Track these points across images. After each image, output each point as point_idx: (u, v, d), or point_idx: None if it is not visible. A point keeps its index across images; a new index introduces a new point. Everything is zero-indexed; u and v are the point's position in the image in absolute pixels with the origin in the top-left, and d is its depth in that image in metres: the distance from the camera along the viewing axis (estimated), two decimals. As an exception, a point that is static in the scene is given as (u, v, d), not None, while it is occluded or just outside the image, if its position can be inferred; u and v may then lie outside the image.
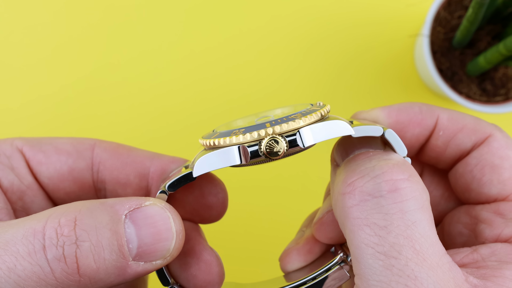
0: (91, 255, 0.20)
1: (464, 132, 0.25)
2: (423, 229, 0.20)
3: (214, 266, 0.24)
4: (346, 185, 0.21)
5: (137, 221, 0.22)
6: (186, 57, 0.47)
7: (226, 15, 0.47)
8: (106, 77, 0.47)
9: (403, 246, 0.19)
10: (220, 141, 0.21)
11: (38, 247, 0.20)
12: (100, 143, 0.26)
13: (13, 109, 0.46)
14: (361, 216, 0.20)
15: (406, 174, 0.20)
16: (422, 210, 0.20)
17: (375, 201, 0.20)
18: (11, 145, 0.25)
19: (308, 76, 0.47)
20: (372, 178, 0.20)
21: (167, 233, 0.22)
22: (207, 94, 0.47)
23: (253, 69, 0.47)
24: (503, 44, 0.36)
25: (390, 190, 0.20)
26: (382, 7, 0.47)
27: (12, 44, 0.47)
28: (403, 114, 0.25)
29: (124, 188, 0.26)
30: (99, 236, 0.21)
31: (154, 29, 0.47)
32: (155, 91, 0.47)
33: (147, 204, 0.22)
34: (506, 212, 0.23)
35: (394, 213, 0.20)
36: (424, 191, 0.21)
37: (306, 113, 0.22)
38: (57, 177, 0.26)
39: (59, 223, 0.20)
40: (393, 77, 0.47)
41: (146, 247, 0.21)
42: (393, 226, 0.19)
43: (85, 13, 0.47)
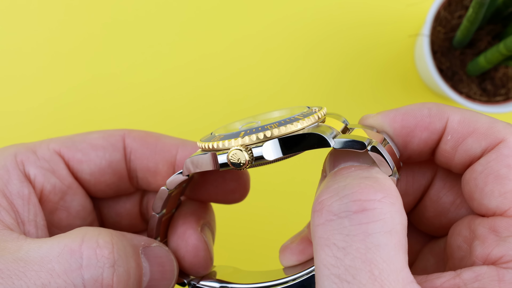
0: (123, 281, 0.21)
1: (474, 137, 0.22)
2: (387, 254, 0.18)
3: (200, 250, 0.26)
4: (317, 202, 0.20)
5: (150, 258, 0.24)
6: (188, 61, 0.47)
7: (226, 19, 0.47)
8: (109, 81, 0.47)
9: (359, 270, 0.18)
10: (202, 144, 0.22)
11: (75, 266, 0.21)
12: (129, 133, 0.27)
13: (20, 112, 0.46)
14: (324, 236, 0.19)
15: (379, 195, 0.19)
16: (390, 234, 0.19)
17: (339, 221, 0.19)
18: (48, 149, 0.26)
19: (309, 78, 0.47)
20: (341, 197, 0.19)
21: (171, 274, 0.25)
22: (210, 98, 0.47)
23: (255, 72, 0.47)
24: (504, 44, 0.36)
25: (357, 211, 0.19)
26: (382, 7, 0.47)
27: (16, 48, 0.47)
28: (409, 118, 0.23)
29: (154, 175, 0.27)
30: (129, 264, 0.22)
31: (155, 33, 0.47)
32: (158, 95, 0.47)
33: (154, 245, 0.24)
34: (500, 229, 0.21)
35: (355, 234, 0.19)
36: (398, 214, 0.19)
37: (286, 122, 0.21)
38: (98, 171, 0.27)
39: (98, 244, 0.21)
40: (393, 77, 0.47)
41: (154, 283, 0.23)
42: (352, 248, 0.18)
43: (88, 17, 0.47)
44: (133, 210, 0.29)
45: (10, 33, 0.47)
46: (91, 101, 0.46)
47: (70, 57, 0.47)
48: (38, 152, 0.26)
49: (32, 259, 0.21)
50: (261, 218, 0.46)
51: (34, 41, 0.47)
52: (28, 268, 0.20)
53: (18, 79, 0.46)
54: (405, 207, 0.25)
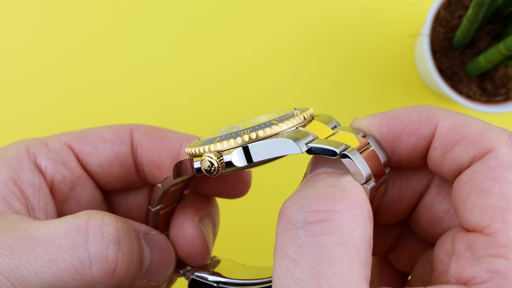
0: (127, 259, 0.22)
1: (462, 145, 0.21)
2: (340, 268, 0.18)
3: (197, 240, 0.27)
4: (280, 209, 0.20)
5: (150, 243, 0.25)
6: (190, 63, 0.47)
7: (227, 21, 0.47)
8: (111, 83, 0.47)
9: (307, 283, 0.17)
10: (187, 150, 0.23)
11: (81, 242, 0.22)
12: (137, 127, 0.28)
13: (25, 113, 0.46)
14: (280, 245, 0.19)
15: (339, 206, 0.18)
16: (346, 247, 0.18)
17: (295, 231, 0.18)
18: (59, 142, 0.27)
19: (310, 78, 0.47)
20: (300, 206, 0.19)
21: (169, 261, 0.26)
22: (212, 100, 0.47)
23: (256, 73, 0.47)
24: (503, 43, 0.36)
25: (312, 222, 0.18)
26: (382, 7, 0.47)
27: (20, 49, 0.47)
28: (396, 123, 0.22)
29: (159, 169, 0.28)
30: (132, 244, 0.23)
31: (157, 35, 0.47)
32: (161, 97, 0.47)
33: (153, 233, 0.25)
34: (476, 247, 0.19)
35: (308, 246, 0.18)
36: (360, 226, 0.18)
37: (260, 128, 0.21)
38: (106, 164, 0.28)
39: (103, 222, 0.22)
40: (393, 77, 0.47)
41: (154, 267, 0.24)
42: (302, 261, 0.18)
43: (93, 19, 0.47)
44: (143, 204, 0.30)
45: (14, 34, 0.47)
46: (94, 103, 0.46)
47: (75, 58, 0.47)
48: (49, 145, 0.27)
49: (40, 236, 0.21)
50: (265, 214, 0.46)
51: (38, 42, 0.47)
52: (36, 245, 0.21)
53: (23, 81, 0.47)
54: (399, 213, 0.24)
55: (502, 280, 0.18)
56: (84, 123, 0.46)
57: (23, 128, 0.46)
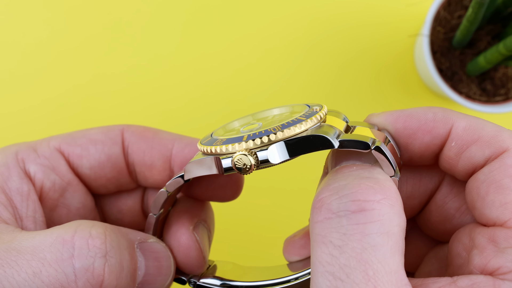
0: (115, 272, 0.22)
1: (478, 145, 0.22)
2: (383, 255, 0.19)
3: (191, 250, 0.26)
4: (317, 199, 0.20)
5: (145, 252, 0.24)
6: (187, 61, 0.47)
7: (225, 18, 0.47)
8: (108, 81, 0.47)
9: (354, 269, 0.18)
10: (204, 148, 0.22)
11: (66, 255, 0.21)
12: (128, 128, 0.28)
13: (20, 111, 0.46)
14: (321, 233, 0.19)
15: (378, 196, 0.19)
16: (387, 236, 0.19)
17: (337, 220, 0.19)
18: (48, 146, 0.26)
19: (308, 77, 0.47)
20: (340, 196, 0.20)
21: (167, 270, 0.25)
22: (209, 97, 0.47)
23: (255, 71, 0.47)
24: (503, 44, 0.36)
25: (355, 211, 0.19)
26: (382, 7, 0.47)
27: (14, 46, 0.47)
28: (413, 120, 0.23)
29: (150, 170, 0.27)
30: (122, 256, 0.22)
31: (155, 33, 0.47)
32: (158, 95, 0.47)
33: (151, 241, 0.24)
34: (500, 240, 0.21)
35: (352, 234, 0.19)
36: (396, 216, 0.19)
37: (289, 125, 0.21)
38: (97, 166, 0.27)
39: (90, 234, 0.22)
40: (393, 77, 0.47)
41: (150, 278, 0.24)
42: (348, 247, 0.19)
43: (88, 18, 0.47)
44: (135, 207, 0.29)
45: (11, 32, 0.47)
46: (90, 101, 0.46)
47: (70, 57, 0.47)
48: (38, 150, 0.26)
49: (25, 248, 0.21)
50: (261, 215, 0.46)
51: (35, 40, 0.47)
52: (20, 257, 0.20)
53: (19, 78, 0.47)
54: (411, 210, 0.26)
55: None
56: (78, 122, 0.46)
57: (13, 127, 0.46)
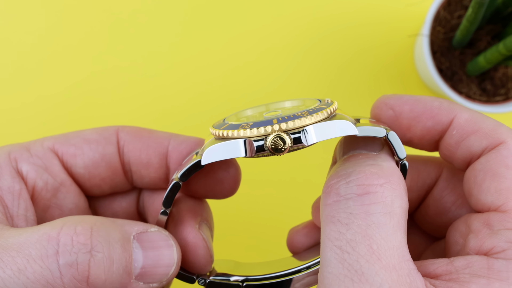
0: (102, 266, 0.21)
1: (477, 135, 0.24)
2: (386, 232, 0.21)
3: (199, 249, 0.26)
4: (327, 185, 0.22)
5: (144, 243, 0.23)
6: (187, 59, 0.47)
7: (225, 16, 0.47)
8: (107, 78, 0.47)
9: (359, 243, 0.20)
10: (228, 132, 0.22)
11: (51, 252, 0.21)
12: (123, 128, 0.28)
13: (13, 108, 0.46)
14: (330, 214, 0.21)
15: (381, 180, 0.21)
16: (390, 215, 0.21)
17: (345, 202, 0.21)
18: (42, 146, 0.26)
19: (307, 77, 0.47)
20: (347, 181, 0.22)
21: (170, 260, 0.24)
22: (208, 95, 0.47)
23: (254, 70, 0.47)
24: (503, 43, 0.36)
25: (360, 194, 0.21)
26: (382, 7, 0.47)
27: (12, 44, 0.47)
28: (419, 105, 0.25)
29: (147, 168, 0.27)
30: (111, 250, 0.22)
31: (154, 30, 0.47)
32: (157, 92, 0.47)
33: (152, 230, 0.24)
34: (493, 223, 0.22)
35: (358, 213, 0.21)
36: (398, 198, 0.21)
37: (313, 111, 0.23)
38: (91, 165, 0.27)
39: (75, 231, 0.22)
40: (393, 77, 0.47)
41: (149, 269, 0.23)
42: (354, 225, 0.21)
43: (86, 14, 0.47)
44: (130, 209, 0.29)
45: (6, 30, 0.47)
46: (88, 99, 0.46)
47: (66, 55, 0.47)
48: (31, 150, 0.26)
49: (11, 245, 0.21)
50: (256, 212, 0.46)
51: (31, 38, 0.47)
52: (5, 254, 0.21)
53: (15, 76, 0.47)
54: (409, 204, 0.27)
55: None
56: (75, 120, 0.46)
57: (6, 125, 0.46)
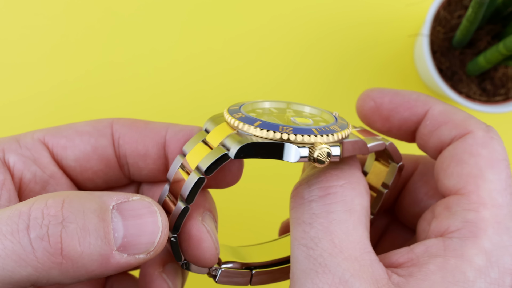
0: (76, 237, 0.20)
1: (447, 125, 0.26)
2: (347, 227, 0.22)
3: (203, 241, 0.25)
4: (293, 191, 0.24)
5: (124, 212, 0.22)
6: (186, 58, 0.47)
7: (223, 16, 0.47)
8: (106, 75, 0.47)
9: (322, 239, 0.22)
10: (267, 133, 0.22)
11: (22, 226, 0.20)
12: (118, 120, 0.27)
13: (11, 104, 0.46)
14: (296, 216, 0.23)
15: (341, 181, 0.23)
16: (350, 212, 0.22)
17: (308, 204, 0.23)
18: (32, 138, 0.26)
19: (307, 76, 0.47)
20: (309, 185, 0.23)
21: (154, 227, 0.22)
22: (207, 93, 0.47)
23: (253, 69, 0.47)
24: (503, 43, 0.36)
25: (322, 195, 0.23)
26: (382, 6, 0.47)
27: (11, 40, 0.47)
28: (398, 97, 0.27)
29: (144, 159, 0.27)
30: (86, 220, 0.21)
31: (154, 29, 0.47)
32: (155, 89, 0.47)
33: (134, 198, 0.23)
34: (452, 205, 0.24)
35: (320, 213, 0.22)
36: (358, 196, 0.23)
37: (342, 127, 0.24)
38: (83, 157, 0.26)
39: (46, 204, 0.21)
40: (392, 76, 0.47)
41: (131, 238, 0.22)
42: (317, 223, 0.22)
43: (86, 10, 0.47)
44: None
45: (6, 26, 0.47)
46: (86, 95, 0.46)
47: (64, 51, 0.47)
48: (21, 141, 0.26)
49: None
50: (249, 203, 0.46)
51: (31, 33, 0.47)
52: None
53: (13, 72, 0.47)
54: (390, 196, 0.30)
55: (472, 227, 0.23)
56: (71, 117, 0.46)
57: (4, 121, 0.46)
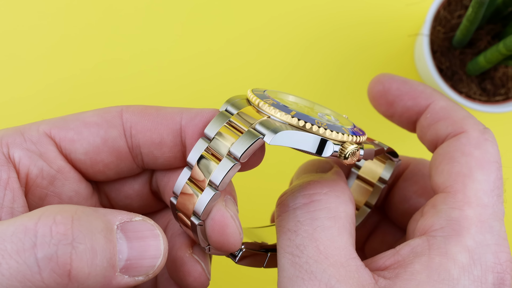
0: (85, 259, 0.20)
1: (445, 121, 0.26)
2: (331, 234, 0.22)
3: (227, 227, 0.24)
4: (278, 201, 0.24)
5: (128, 233, 0.22)
6: (185, 58, 0.47)
7: (224, 16, 0.47)
8: (106, 73, 0.47)
9: (307, 246, 0.22)
10: (304, 124, 0.23)
11: (28, 245, 0.19)
12: (127, 108, 0.26)
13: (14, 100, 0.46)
14: (281, 225, 0.23)
15: (325, 189, 0.23)
16: (334, 219, 0.22)
17: (293, 211, 0.23)
18: (37, 131, 0.24)
19: (307, 75, 0.47)
20: (293, 193, 0.24)
21: (156, 251, 0.22)
22: (207, 92, 0.47)
23: (253, 68, 0.47)
24: (503, 43, 0.36)
25: (306, 203, 0.23)
26: (382, 6, 0.47)
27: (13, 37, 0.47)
28: (405, 85, 0.29)
29: (160, 147, 0.25)
30: (94, 240, 0.20)
31: (155, 27, 0.47)
32: (155, 88, 0.47)
33: (137, 219, 0.22)
34: (438, 203, 0.24)
35: (304, 220, 0.22)
36: (343, 204, 0.23)
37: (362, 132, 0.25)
38: (92, 150, 0.25)
39: (54, 221, 0.20)
40: (393, 76, 0.47)
41: (134, 261, 0.21)
42: (301, 231, 0.22)
43: (88, 8, 0.47)
44: (143, 191, 0.27)
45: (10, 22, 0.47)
46: (86, 94, 0.46)
47: (65, 49, 0.47)
48: (26, 134, 0.24)
49: None
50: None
51: (33, 29, 0.47)
52: None
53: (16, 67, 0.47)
54: (382, 194, 0.31)
55: (456, 226, 0.23)
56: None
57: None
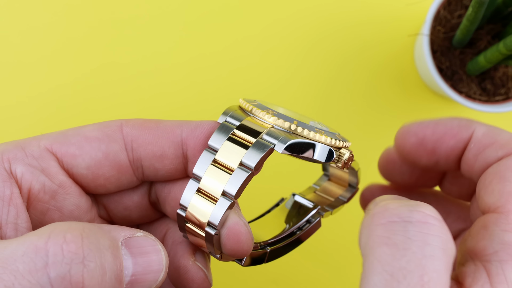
0: (96, 277, 0.20)
1: (493, 147, 0.25)
2: (439, 266, 0.20)
3: (241, 235, 0.24)
4: (377, 206, 0.22)
5: (132, 249, 0.22)
6: (187, 60, 0.47)
7: (225, 19, 0.47)
8: (108, 76, 0.46)
9: (411, 272, 0.19)
10: (308, 133, 0.23)
11: (40, 264, 0.19)
12: (127, 122, 0.26)
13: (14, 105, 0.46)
14: (384, 235, 0.21)
15: (438, 216, 0.21)
16: (444, 251, 0.20)
17: (403, 224, 0.21)
18: (38, 146, 0.25)
19: (308, 77, 0.47)
20: (406, 205, 0.21)
21: (158, 265, 0.23)
22: (208, 95, 0.47)
23: (254, 70, 0.47)
24: (503, 43, 0.36)
25: (420, 220, 0.21)
26: (382, 6, 0.47)
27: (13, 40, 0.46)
28: (440, 127, 0.27)
29: (161, 160, 0.26)
30: (102, 258, 0.20)
31: (157, 31, 0.47)
32: (157, 92, 0.47)
33: (138, 235, 0.23)
34: (489, 224, 0.23)
35: (416, 240, 0.20)
36: (449, 240, 0.21)
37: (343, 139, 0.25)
38: (94, 164, 0.25)
39: (64, 239, 0.20)
40: (392, 76, 0.47)
41: (139, 276, 0.22)
42: (410, 252, 0.20)
43: (88, 11, 0.47)
44: (142, 202, 0.28)
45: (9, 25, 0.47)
46: (87, 98, 0.46)
47: (66, 52, 0.46)
48: (26, 150, 0.25)
49: None
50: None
51: (34, 33, 0.47)
52: None
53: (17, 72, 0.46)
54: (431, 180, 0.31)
55: (510, 250, 0.22)
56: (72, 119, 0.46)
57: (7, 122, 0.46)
